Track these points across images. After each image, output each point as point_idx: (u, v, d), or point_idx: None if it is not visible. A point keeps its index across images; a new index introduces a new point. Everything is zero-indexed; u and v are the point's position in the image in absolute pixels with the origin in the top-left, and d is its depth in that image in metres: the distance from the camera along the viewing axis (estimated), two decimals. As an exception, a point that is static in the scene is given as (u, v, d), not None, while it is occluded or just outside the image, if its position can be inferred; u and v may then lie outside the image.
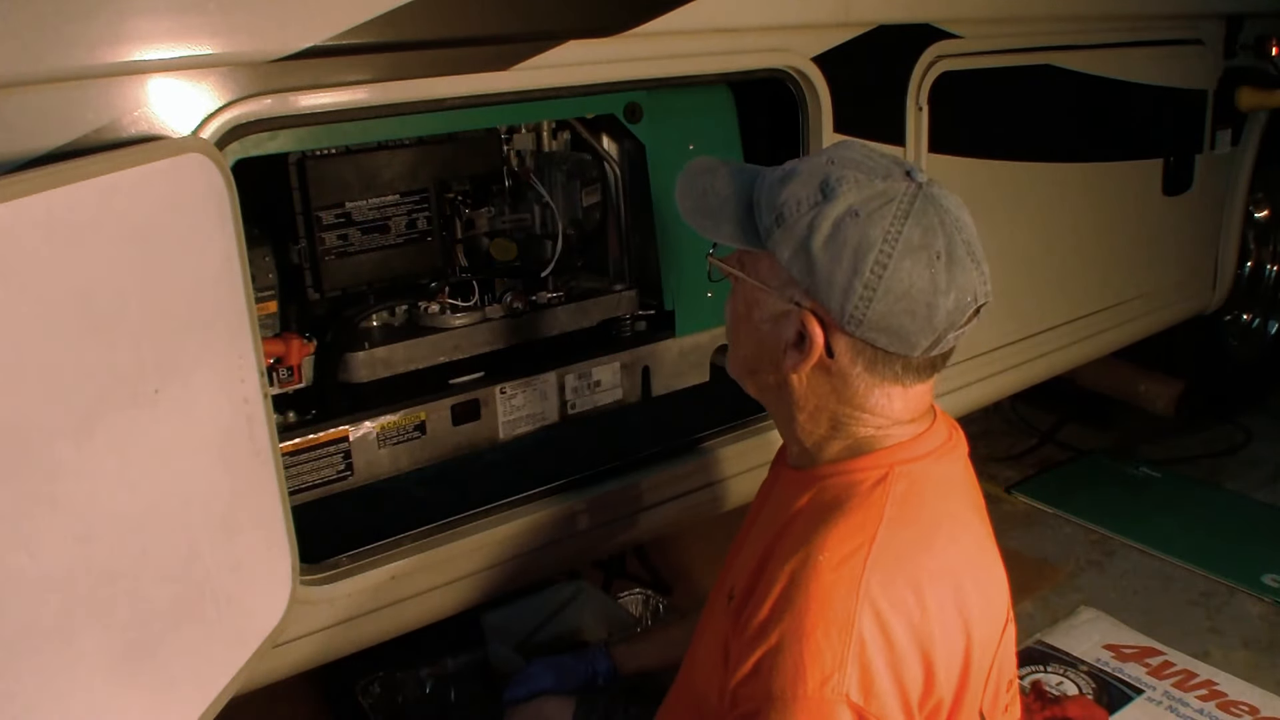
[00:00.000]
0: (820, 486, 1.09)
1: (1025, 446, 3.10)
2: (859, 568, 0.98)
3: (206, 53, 1.20)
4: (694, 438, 1.84)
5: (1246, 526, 2.67)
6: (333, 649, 1.49)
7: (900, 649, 0.98)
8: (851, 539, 1.01)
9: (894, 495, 1.05)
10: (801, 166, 1.07)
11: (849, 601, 0.97)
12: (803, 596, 0.98)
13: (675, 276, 1.96)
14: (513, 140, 1.91)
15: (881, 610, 0.97)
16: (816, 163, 1.07)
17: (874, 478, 1.07)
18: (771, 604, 0.99)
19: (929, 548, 1.04)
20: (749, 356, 1.15)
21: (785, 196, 1.05)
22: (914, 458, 1.09)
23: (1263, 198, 3.17)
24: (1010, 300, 2.32)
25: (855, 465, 1.09)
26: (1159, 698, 2.01)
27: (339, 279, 1.69)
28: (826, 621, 0.96)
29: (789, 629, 0.97)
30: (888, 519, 1.03)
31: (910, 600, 0.99)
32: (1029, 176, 2.30)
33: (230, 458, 1.22)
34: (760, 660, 0.98)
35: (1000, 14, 2.13)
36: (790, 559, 1.01)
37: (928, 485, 1.08)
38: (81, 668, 1.00)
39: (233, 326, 1.22)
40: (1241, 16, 2.73)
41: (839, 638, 0.96)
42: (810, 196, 1.03)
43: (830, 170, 1.04)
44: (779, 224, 1.05)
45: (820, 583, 0.98)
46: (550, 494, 1.66)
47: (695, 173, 1.18)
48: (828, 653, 0.95)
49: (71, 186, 0.96)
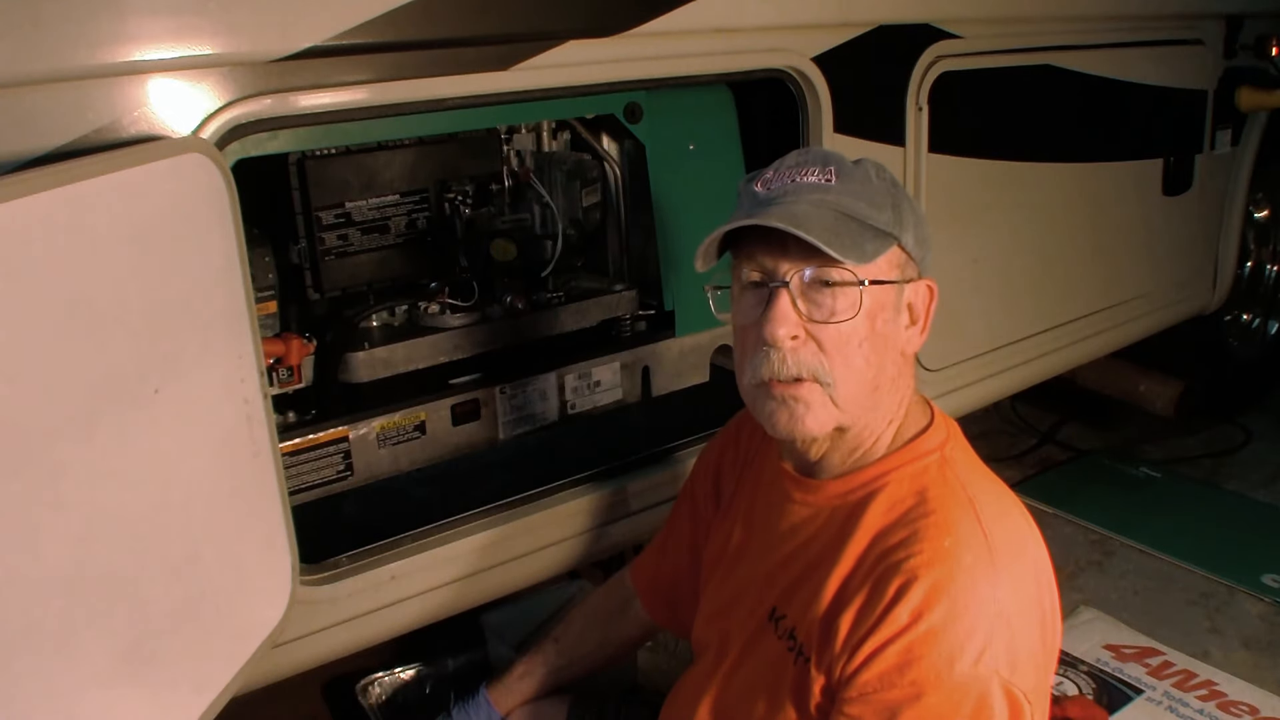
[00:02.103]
0: (884, 484, 1.11)
1: (1025, 446, 3.10)
2: (985, 546, 1.02)
3: (206, 53, 1.20)
4: (694, 438, 1.84)
5: (1246, 526, 2.66)
6: (333, 649, 1.49)
7: (1031, 621, 1.03)
8: (962, 521, 1.04)
9: (962, 476, 1.09)
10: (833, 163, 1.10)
11: (990, 579, 1.00)
12: (946, 580, 0.99)
13: (675, 276, 1.96)
14: (513, 140, 1.91)
15: (1015, 584, 1.02)
16: (831, 155, 1.12)
17: (935, 462, 1.10)
18: (908, 598, 1.00)
19: (1017, 521, 1.09)
20: (871, 372, 1.08)
21: (875, 187, 1.09)
22: (946, 438, 1.13)
23: (1263, 198, 3.17)
24: (1010, 300, 2.32)
25: (908, 456, 1.11)
26: (1159, 698, 2.01)
27: (339, 279, 1.69)
28: (976, 601, 0.99)
29: (941, 615, 0.98)
30: (974, 498, 1.06)
31: (1026, 572, 1.05)
32: (1029, 176, 2.30)
33: (230, 458, 1.22)
34: (910, 649, 0.99)
35: (1000, 14, 2.13)
36: (905, 557, 1.02)
37: (970, 461, 1.13)
38: (82, 668, 1.00)
39: (233, 326, 1.22)
40: (1241, 16, 2.73)
41: (986, 614, 0.99)
42: (874, 174, 1.10)
43: (837, 155, 1.12)
44: (896, 210, 1.09)
45: (960, 565, 1.00)
46: (550, 494, 1.66)
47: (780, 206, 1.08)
48: (979, 631, 0.98)
49: (71, 186, 0.96)
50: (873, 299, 1.06)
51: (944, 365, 2.18)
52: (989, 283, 2.25)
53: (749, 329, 1.09)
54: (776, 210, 1.05)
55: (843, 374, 1.06)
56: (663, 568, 1.46)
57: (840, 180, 1.08)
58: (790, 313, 1.05)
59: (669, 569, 1.45)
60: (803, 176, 1.08)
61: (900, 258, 1.10)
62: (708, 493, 1.39)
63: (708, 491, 1.39)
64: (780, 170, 1.11)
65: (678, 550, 1.43)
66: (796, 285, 1.05)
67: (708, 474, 1.40)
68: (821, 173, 1.08)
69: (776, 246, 1.05)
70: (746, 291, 1.10)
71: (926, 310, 1.13)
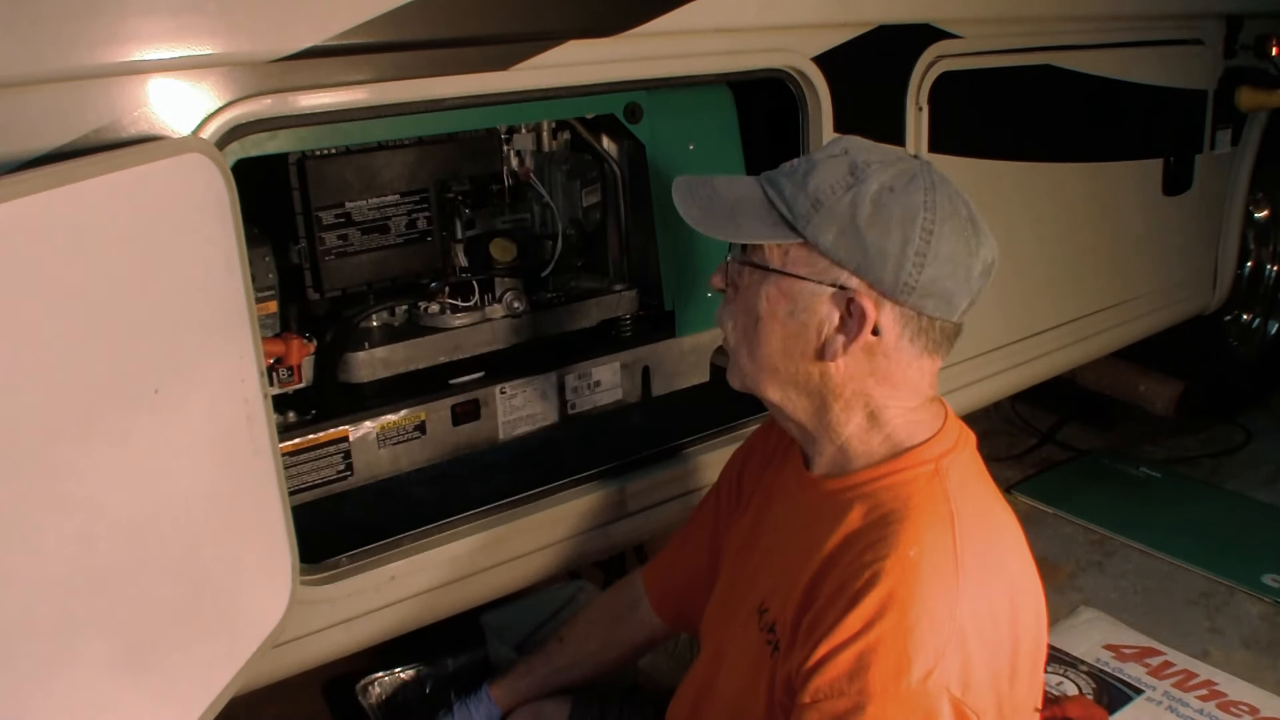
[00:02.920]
0: (872, 490, 1.10)
1: (1025, 446, 3.10)
2: (951, 561, 1.00)
3: (206, 53, 1.20)
4: (694, 438, 1.84)
5: (1246, 526, 2.66)
6: (333, 649, 1.49)
7: (993, 641, 1.00)
8: (934, 532, 1.02)
9: (951, 489, 1.07)
10: (817, 157, 1.10)
11: (949, 594, 0.98)
12: (903, 591, 0.98)
13: (675, 276, 1.96)
14: (513, 140, 1.91)
15: (977, 602, 0.99)
16: (830, 153, 1.11)
17: (926, 473, 1.09)
18: (864, 604, 0.99)
19: (999, 539, 1.07)
20: (773, 354, 1.12)
21: (817, 183, 1.07)
22: (948, 450, 1.11)
23: (1263, 198, 3.17)
24: (1010, 300, 2.32)
25: (901, 464, 1.10)
26: (1159, 698, 2.01)
27: (339, 279, 1.69)
28: (930, 615, 0.97)
29: (891, 624, 0.97)
30: (957, 512, 1.04)
31: (998, 591, 1.02)
32: (1029, 176, 2.30)
33: (230, 458, 1.22)
34: (860, 657, 0.97)
35: (1000, 14, 2.13)
36: (871, 560, 1.01)
37: (968, 475, 1.11)
38: (82, 667, 1.00)
39: (233, 326, 1.22)
40: (1241, 16, 2.73)
41: (940, 631, 0.97)
42: (842, 180, 1.07)
43: (852, 156, 1.09)
44: (816, 209, 1.07)
45: (919, 577, 0.99)
46: (550, 494, 1.66)
47: (688, 186, 1.19)
48: (930, 646, 0.96)
49: (71, 186, 0.96)
50: (776, 287, 1.10)
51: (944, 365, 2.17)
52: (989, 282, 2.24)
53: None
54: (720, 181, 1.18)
55: (737, 340, 1.16)
56: (677, 567, 1.47)
57: (804, 166, 1.10)
58: (723, 268, 1.18)
59: (683, 568, 1.45)
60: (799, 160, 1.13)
61: (815, 258, 1.08)
62: (731, 489, 1.40)
63: (732, 488, 1.40)
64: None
65: (695, 549, 1.43)
66: (736, 250, 1.16)
67: (734, 471, 1.41)
68: (806, 160, 1.12)
69: None
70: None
71: (859, 330, 1.07)
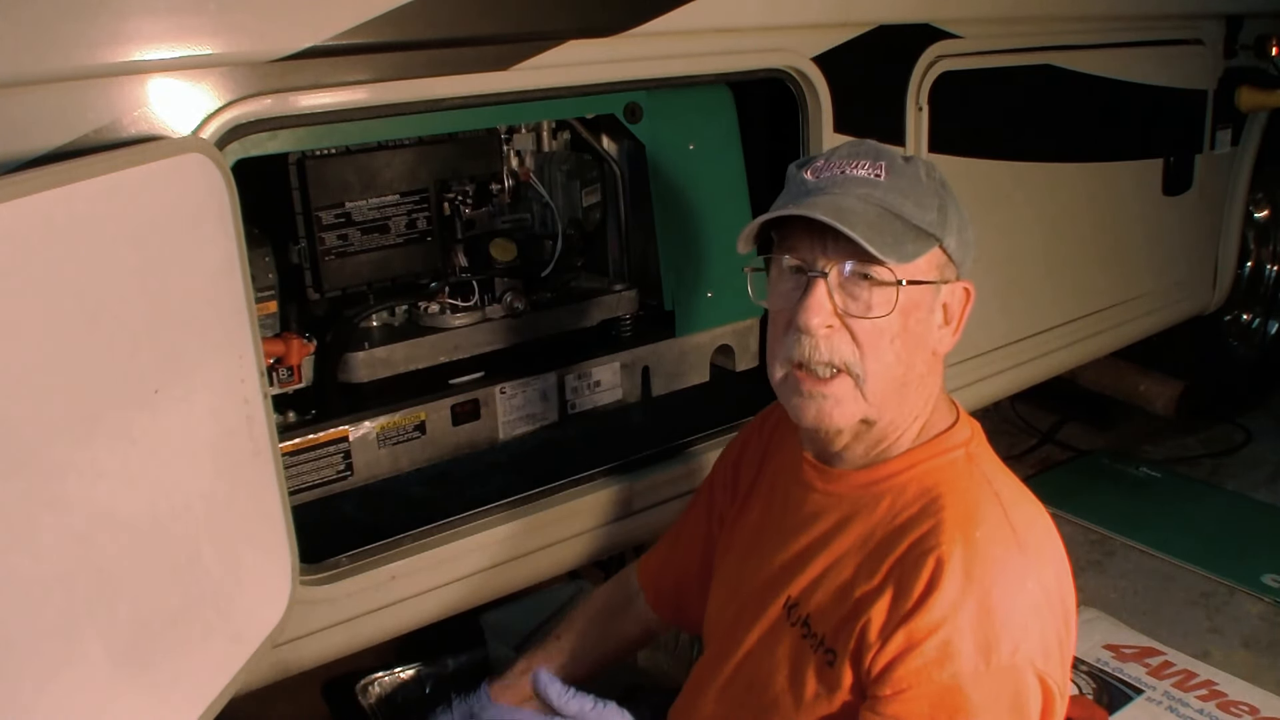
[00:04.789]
0: (906, 479, 1.11)
1: (1025, 446, 3.10)
2: (1013, 538, 1.03)
3: (206, 53, 1.20)
4: (694, 438, 1.84)
5: (1246, 526, 2.67)
6: (333, 649, 1.49)
7: (1059, 613, 1.04)
8: (990, 513, 1.04)
9: (986, 472, 1.10)
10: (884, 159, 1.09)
11: (1020, 570, 1.01)
12: (979, 572, 1.00)
13: (675, 276, 1.96)
14: (513, 140, 1.91)
15: (1042, 576, 1.03)
16: (884, 150, 1.11)
17: (961, 458, 1.11)
18: (941, 590, 1.00)
19: (1038, 517, 1.09)
20: (901, 369, 1.09)
21: (924, 186, 1.08)
22: (969, 437, 1.14)
23: (1263, 198, 3.17)
24: (1010, 300, 2.32)
25: (932, 451, 1.12)
26: (1159, 698, 2.01)
27: (339, 279, 1.69)
28: (1008, 592, 1.00)
29: (973, 607, 0.99)
30: (998, 493, 1.07)
31: (1049, 566, 1.05)
32: (1029, 176, 2.30)
33: (230, 458, 1.22)
34: (947, 643, 0.99)
35: (1000, 14, 2.13)
36: (932, 546, 1.02)
37: (993, 460, 1.14)
38: (82, 667, 1.00)
39: (233, 326, 1.22)
40: (1241, 16, 2.73)
41: (1018, 606, 1.00)
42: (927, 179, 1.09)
43: (895, 152, 1.10)
44: (942, 212, 1.08)
45: (990, 557, 1.01)
46: (550, 494, 1.66)
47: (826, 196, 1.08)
48: (1014, 623, 0.99)
49: (71, 186, 0.96)
50: (908, 298, 1.06)
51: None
52: (989, 282, 2.24)
53: (783, 313, 1.11)
54: (823, 201, 1.05)
55: (873, 368, 1.07)
56: (671, 562, 1.46)
57: (890, 176, 1.07)
58: (826, 302, 1.05)
59: (677, 563, 1.45)
60: (853, 169, 1.08)
61: (940, 259, 1.10)
62: (726, 484, 1.39)
63: (726, 483, 1.39)
64: (831, 160, 1.10)
65: (689, 544, 1.43)
66: (835, 277, 1.06)
67: (728, 465, 1.41)
68: (872, 167, 1.08)
69: (819, 237, 1.06)
70: (785, 276, 1.11)
71: (961, 312, 1.14)
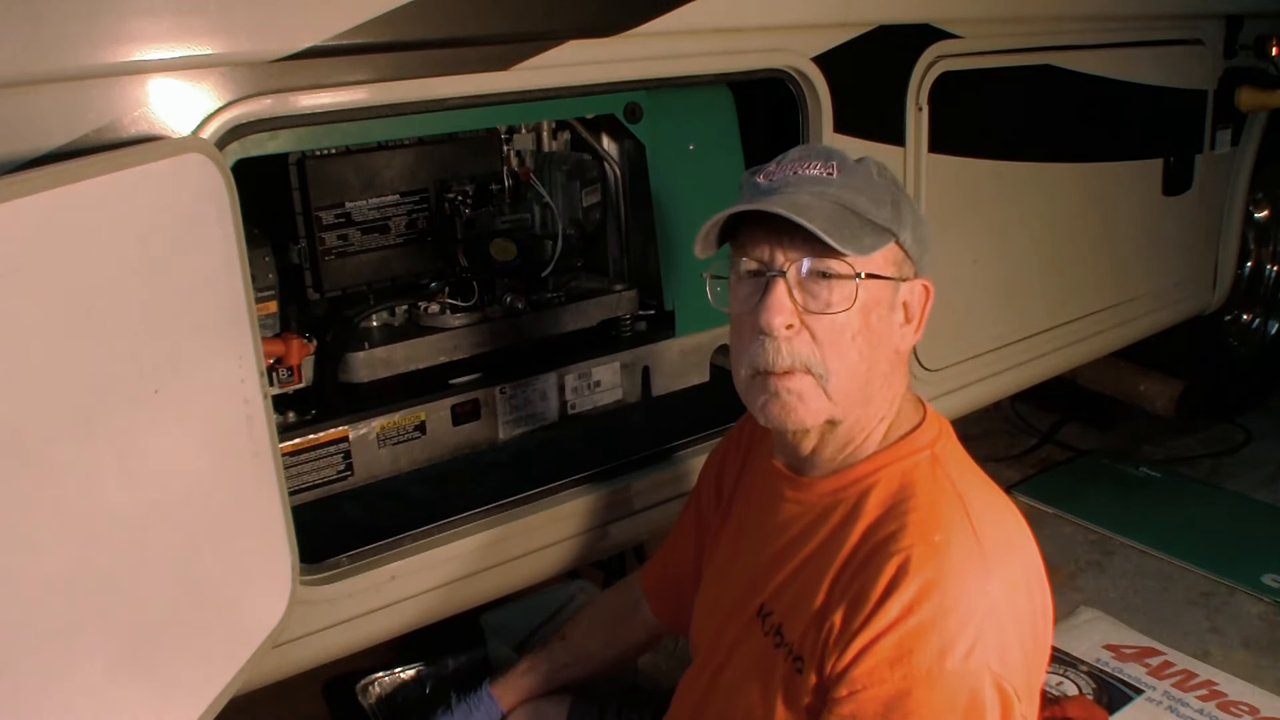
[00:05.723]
0: (872, 482, 1.11)
1: (1025, 446, 3.10)
2: (975, 541, 1.02)
3: (206, 53, 1.20)
4: (694, 438, 1.84)
5: (1246, 526, 2.66)
6: (333, 649, 1.49)
7: (1023, 616, 1.03)
8: (951, 516, 1.04)
9: (952, 473, 1.09)
10: (834, 159, 1.10)
11: (980, 574, 1.01)
12: (937, 575, 0.99)
13: (675, 276, 1.96)
14: (513, 140, 1.91)
15: (1004, 579, 1.02)
16: (834, 151, 1.12)
17: (926, 460, 1.11)
18: (899, 592, 1.00)
19: (1005, 517, 1.09)
20: (864, 366, 1.08)
21: (876, 184, 1.09)
22: (935, 437, 1.13)
23: (1263, 198, 3.17)
24: (1010, 300, 2.32)
25: (897, 454, 1.12)
26: (1159, 698, 2.01)
27: (339, 279, 1.69)
28: (966, 595, 0.99)
29: (930, 609, 0.99)
30: (964, 495, 1.06)
31: (1017, 569, 1.04)
32: (1029, 176, 2.30)
33: (230, 458, 1.22)
34: (901, 644, 0.99)
35: (1000, 14, 2.13)
36: (895, 550, 1.02)
37: (960, 460, 1.13)
38: (82, 667, 1.00)
39: (233, 326, 1.22)
40: (1241, 16, 2.73)
41: (976, 609, 0.99)
42: (879, 175, 1.10)
43: (845, 153, 1.12)
44: (895, 208, 1.09)
45: (950, 560, 1.00)
46: (550, 494, 1.66)
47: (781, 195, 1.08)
48: (970, 625, 0.98)
49: (71, 186, 0.96)
50: (868, 294, 1.06)
51: (944, 365, 2.18)
52: (989, 282, 2.25)
53: (745, 318, 1.10)
54: (778, 199, 1.06)
55: (835, 365, 1.07)
56: (669, 569, 1.47)
57: (842, 175, 1.08)
58: (786, 302, 1.05)
59: (675, 570, 1.45)
60: (805, 169, 1.09)
61: (898, 255, 1.10)
62: (711, 493, 1.39)
63: (711, 492, 1.39)
64: (783, 163, 1.11)
65: (683, 551, 1.44)
66: (794, 275, 1.06)
67: (711, 475, 1.41)
68: (824, 167, 1.09)
69: (774, 236, 1.06)
70: (744, 280, 1.10)
71: (922, 310, 1.14)
